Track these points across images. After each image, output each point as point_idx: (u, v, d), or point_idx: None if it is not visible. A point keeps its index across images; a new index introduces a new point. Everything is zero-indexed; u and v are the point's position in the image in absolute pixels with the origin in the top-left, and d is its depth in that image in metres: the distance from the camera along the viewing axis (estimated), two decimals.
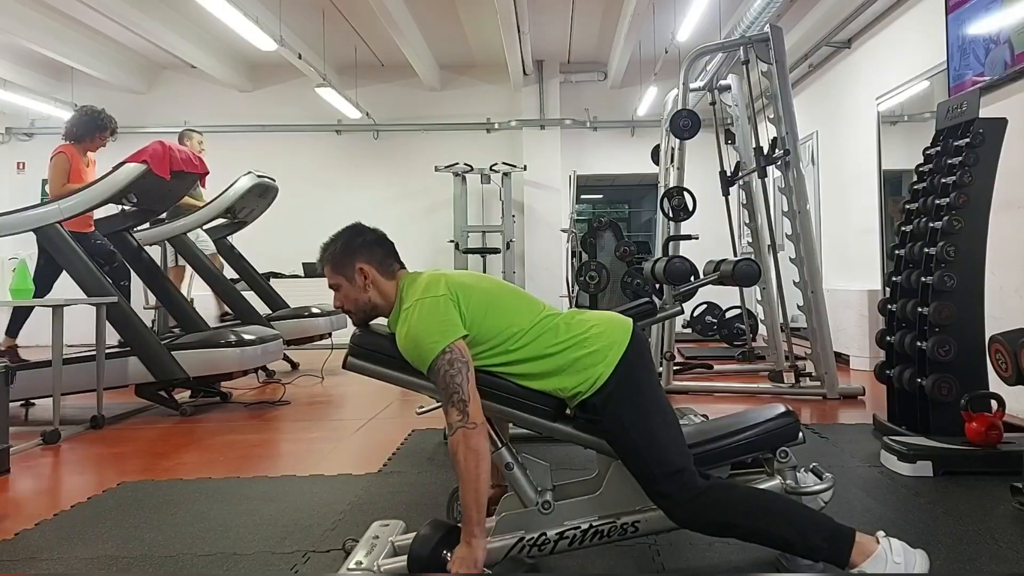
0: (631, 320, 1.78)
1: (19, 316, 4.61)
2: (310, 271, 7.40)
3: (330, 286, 1.81)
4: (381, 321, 1.83)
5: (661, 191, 5.59)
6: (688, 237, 4.58)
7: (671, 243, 4.62)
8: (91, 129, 4.49)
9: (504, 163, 8.16)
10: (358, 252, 1.77)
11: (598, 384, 1.66)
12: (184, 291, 5.77)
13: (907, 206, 3.33)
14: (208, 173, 4.59)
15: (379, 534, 1.86)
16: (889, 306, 3.30)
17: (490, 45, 7.82)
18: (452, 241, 8.10)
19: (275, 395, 4.69)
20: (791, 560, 1.71)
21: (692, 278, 3.97)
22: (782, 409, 1.84)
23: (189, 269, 5.84)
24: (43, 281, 4.30)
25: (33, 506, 2.58)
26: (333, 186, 8.67)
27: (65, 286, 4.33)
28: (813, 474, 1.83)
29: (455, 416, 1.59)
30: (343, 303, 1.80)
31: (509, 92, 8.66)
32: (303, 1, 6.67)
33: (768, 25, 4.63)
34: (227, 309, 5.98)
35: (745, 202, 5.40)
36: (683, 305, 3.94)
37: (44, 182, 7.27)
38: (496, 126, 8.76)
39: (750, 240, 5.34)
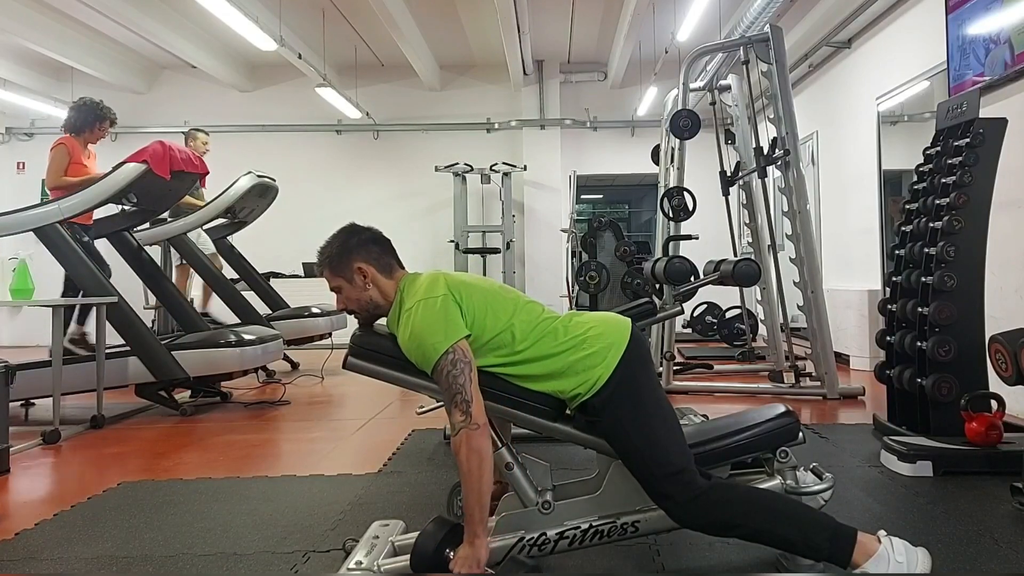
0: (630, 321, 1.78)
1: (84, 309, 4.57)
2: (310, 271, 7.40)
3: (331, 289, 1.80)
4: (382, 321, 1.83)
5: (661, 191, 5.60)
6: (688, 237, 4.58)
7: (671, 243, 4.62)
8: (91, 119, 4.50)
9: (504, 163, 8.16)
10: (355, 252, 1.77)
11: (598, 386, 1.66)
12: (187, 291, 5.77)
13: (907, 206, 3.33)
14: (208, 173, 4.59)
15: (379, 534, 1.86)
16: (889, 306, 3.30)
17: (490, 45, 7.83)
18: (452, 241, 8.10)
19: (275, 395, 4.69)
20: (792, 560, 1.71)
21: (692, 278, 3.97)
22: (782, 409, 1.84)
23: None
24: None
25: (33, 506, 2.58)
26: (333, 186, 8.66)
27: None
28: (813, 474, 1.83)
29: (458, 417, 1.59)
30: (346, 304, 1.80)
31: (509, 92, 8.66)
32: (303, 1, 6.67)
33: (768, 25, 4.63)
34: (206, 309, 5.95)
35: (745, 202, 5.40)
36: (683, 305, 3.94)
37: (44, 181, 7.27)
38: (496, 126, 8.76)
39: (750, 240, 5.34)
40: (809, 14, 6.14)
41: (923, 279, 3.02)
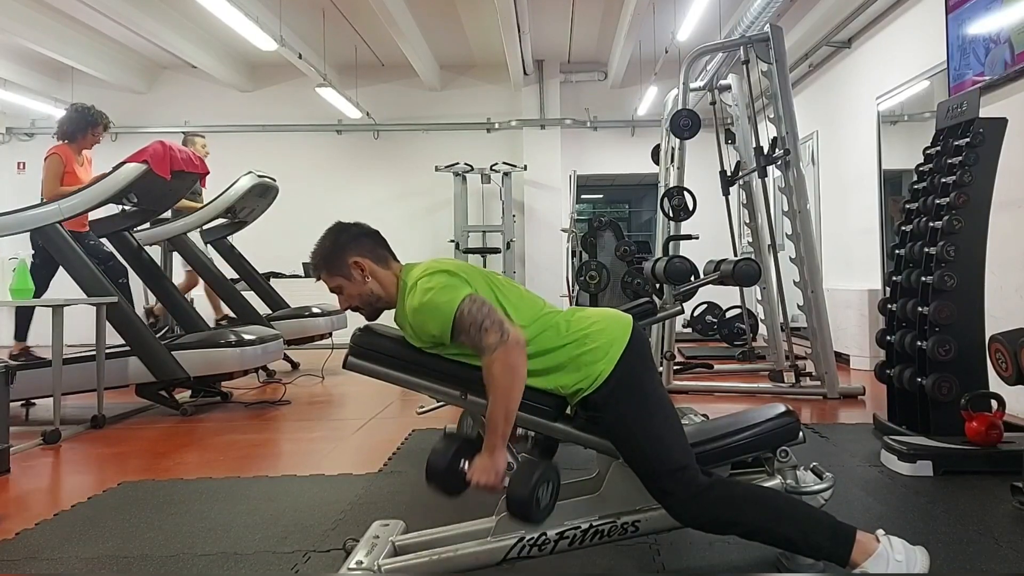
0: (631, 317, 1.78)
1: (23, 319, 4.58)
2: (310, 271, 7.39)
3: (331, 290, 1.80)
4: (385, 321, 1.83)
5: (661, 191, 5.60)
6: (688, 237, 4.58)
7: (671, 243, 4.62)
8: (83, 126, 4.49)
9: (504, 163, 8.16)
10: (348, 247, 1.76)
11: (599, 381, 1.66)
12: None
13: (907, 206, 3.33)
14: (208, 173, 4.59)
15: (379, 534, 1.85)
16: (889, 306, 3.30)
17: (490, 45, 7.82)
18: (452, 241, 8.09)
19: (275, 395, 4.69)
20: (792, 559, 1.71)
21: (692, 278, 3.98)
22: (782, 409, 1.84)
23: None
24: (40, 280, 4.28)
25: (33, 506, 2.58)
26: (333, 186, 8.66)
27: (65, 286, 4.32)
28: (813, 473, 1.83)
29: (493, 337, 1.56)
30: (349, 302, 1.79)
31: (509, 92, 8.66)
32: (303, 1, 6.67)
33: (768, 25, 4.63)
34: (226, 311, 5.95)
35: (745, 202, 5.40)
36: (683, 305, 3.94)
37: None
38: (496, 126, 8.76)
39: (750, 240, 5.34)
40: (809, 14, 6.14)
41: (923, 279, 3.02)
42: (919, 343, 3.00)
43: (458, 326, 1.60)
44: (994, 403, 2.72)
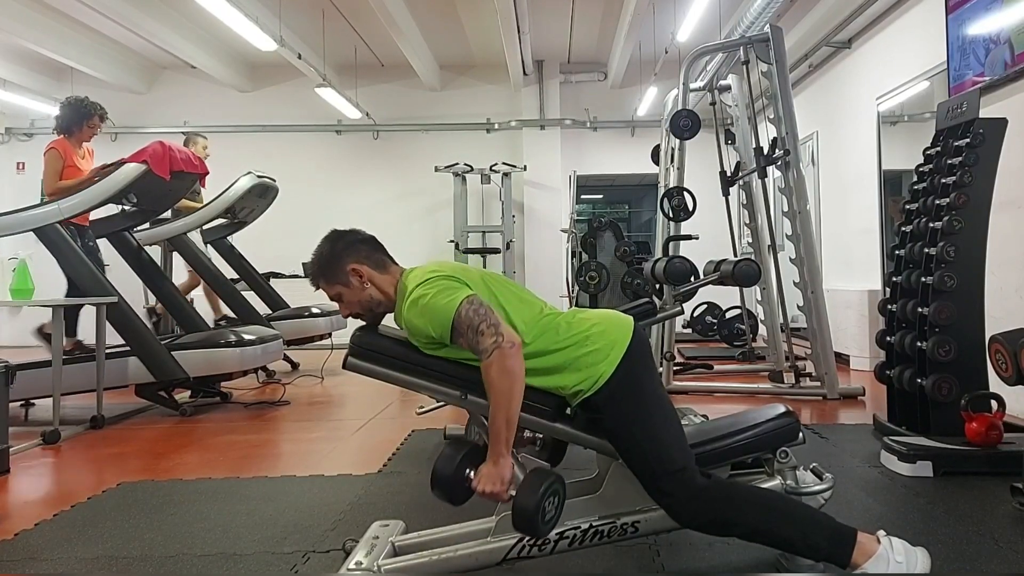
0: (632, 319, 1.78)
1: (71, 316, 4.55)
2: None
3: (331, 298, 1.80)
4: (388, 323, 1.83)
5: (661, 191, 5.60)
6: (688, 237, 4.58)
7: (671, 243, 4.62)
8: (78, 118, 4.46)
9: (504, 163, 8.15)
10: (345, 255, 1.76)
11: (600, 382, 1.65)
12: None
13: (907, 206, 3.33)
14: (208, 173, 4.59)
15: (379, 534, 1.85)
16: (889, 306, 3.30)
17: (490, 45, 7.82)
18: (452, 241, 8.09)
19: (275, 395, 4.69)
20: (791, 560, 1.71)
21: (692, 278, 3.97)
22: (782, 409, 1.84)
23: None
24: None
25: (33, 506, 2.58)
26: (333, 186, 8.66)
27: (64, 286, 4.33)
28: (813, 474, 1.83)
29: (488, 340, 1.56)
30: (350, 309, 1.79)
31: (509, 92, 8.65)
32: (303, 1, 6.67)
33: (768, 25, 4.63)
34: (226, 311, 5.95)
35: (745, 202, 5.40)
36: (683, 305, 3.94)
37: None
38: (496, 126, 8.76)
39: (750, 240, 5.34)
40: (809, 14, 6.14)
41: (923, 279, 3.02)
42: (919, 344, 3.00)
43: (457, 328, 1.60)
44: (994, 404, 2.73)
